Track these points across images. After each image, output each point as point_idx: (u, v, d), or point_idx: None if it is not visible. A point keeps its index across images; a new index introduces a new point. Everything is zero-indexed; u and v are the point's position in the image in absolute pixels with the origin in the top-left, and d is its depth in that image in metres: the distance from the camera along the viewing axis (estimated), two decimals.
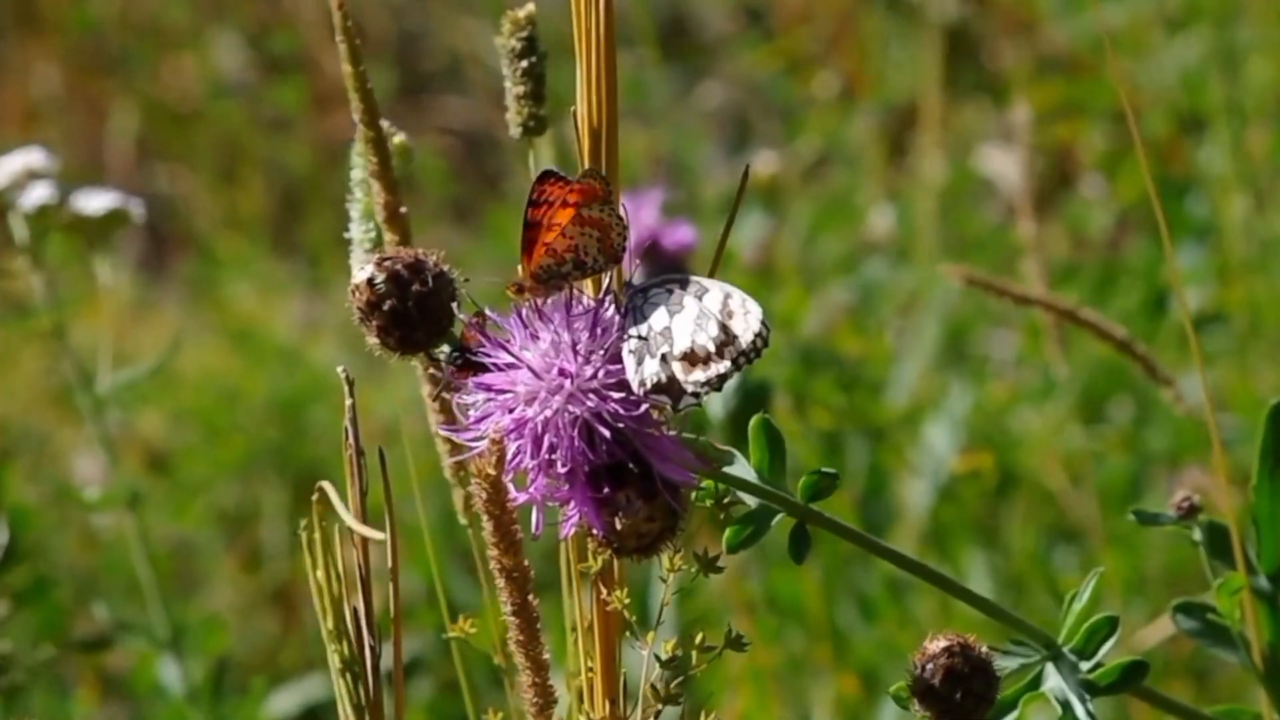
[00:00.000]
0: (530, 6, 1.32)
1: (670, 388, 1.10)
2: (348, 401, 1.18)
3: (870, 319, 3.11)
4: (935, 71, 3.49)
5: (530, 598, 1.08)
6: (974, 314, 3.16)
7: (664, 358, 1.11)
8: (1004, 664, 1.28)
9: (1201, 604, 1.44)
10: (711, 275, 1.24)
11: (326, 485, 1.16)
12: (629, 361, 1.11)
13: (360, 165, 1.34)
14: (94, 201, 2.24)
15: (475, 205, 4.03)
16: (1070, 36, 3.37)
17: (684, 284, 1.15)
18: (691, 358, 1.11)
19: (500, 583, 1.08)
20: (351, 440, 1.18)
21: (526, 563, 1.08)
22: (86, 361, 2.31)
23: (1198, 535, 1.44)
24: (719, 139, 4.15)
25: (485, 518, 1.06)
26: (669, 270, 2.22)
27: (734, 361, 1.11)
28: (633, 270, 1.18)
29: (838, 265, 3.22)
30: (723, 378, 1.11)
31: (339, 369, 1.19)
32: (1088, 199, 3.36)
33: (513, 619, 1.09)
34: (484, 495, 1.05)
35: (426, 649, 2.94)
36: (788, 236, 3.28)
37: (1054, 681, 1.30)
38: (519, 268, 1.19)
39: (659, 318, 1.13)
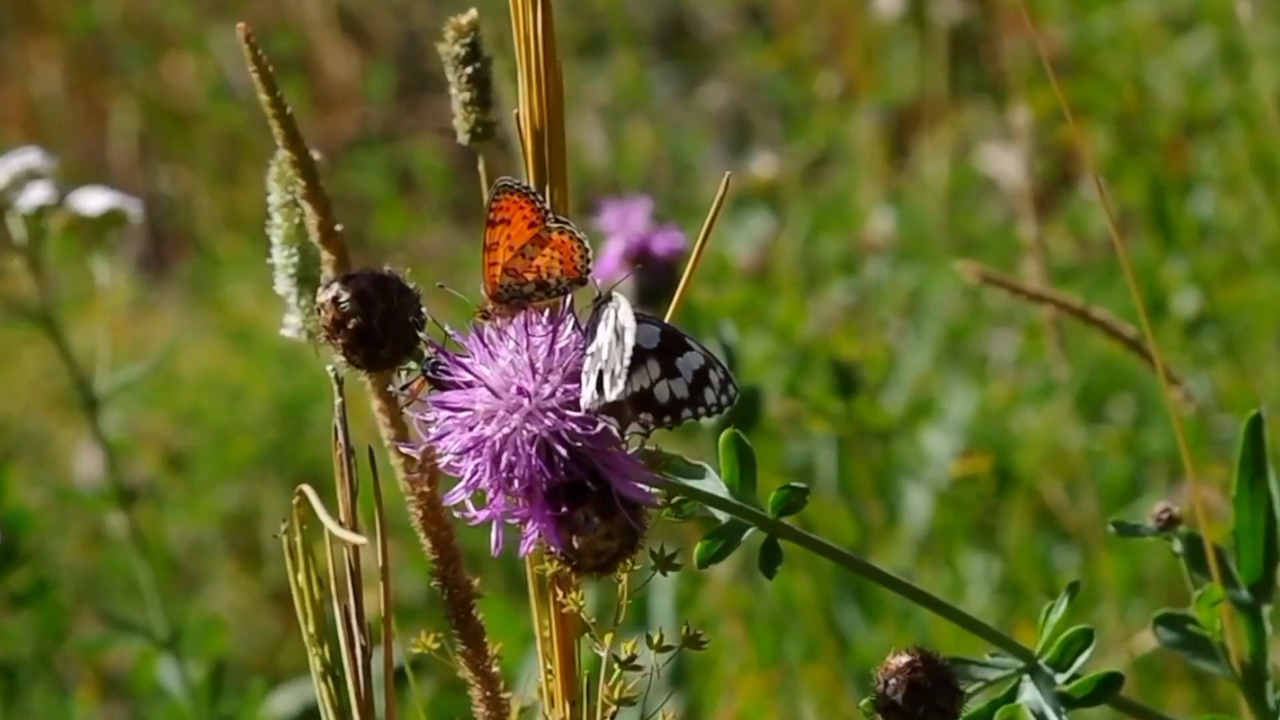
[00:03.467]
0: (473, 12, 1.31)
1: (618, 411, 1.10)
2: (336, 401, 1.18)
3: (870, 320, 3.11)
4: (937, 72, 3.48)
5: (474, 612, 1.08)
6: (973, 315, 3.16)
7: (599, 383, 1.11)
8: (980, 676, 1.28)
9: (1183, 615, 1.44)
10: (689, 281, 1.24)
11: (307, 488, 1.16)
12: (584, 381, 1.11)
13: (278, 190, 1.34)
14: (92, 201, 2.24)
15: (474, 206, 4.02)
16: (1074, 37, 3.37)
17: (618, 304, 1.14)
18: (658, 406, 1.12)
19: (443, 596, 1.09)
20: (341, 440, 1.18)
21: (468, 578, 1.08)
22: (86, 361, 2.31)
23: (1178, 547, 1.44)
24: (719, 139, 4.15)
25: (423, 535, 1.06)
26: (661, 276, 2.22)
27: (696, 413, 1.12)
28: (613, 285, 1.17)
29: (837, 266, 3.22)
30: (677, 421, 1.12)
31: (328, 369, 1.19)
32: (1089, 200, 3.35)
33: (456, 634, 1.09)
34: (420, 513, 1.05)
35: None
36: (788, 238, 3.28)
37: (1030, 694, 1.30)
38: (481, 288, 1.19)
39: (604, 334, 1.13)
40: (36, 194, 2.20)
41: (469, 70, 1.30)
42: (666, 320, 1.16)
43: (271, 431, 3.44)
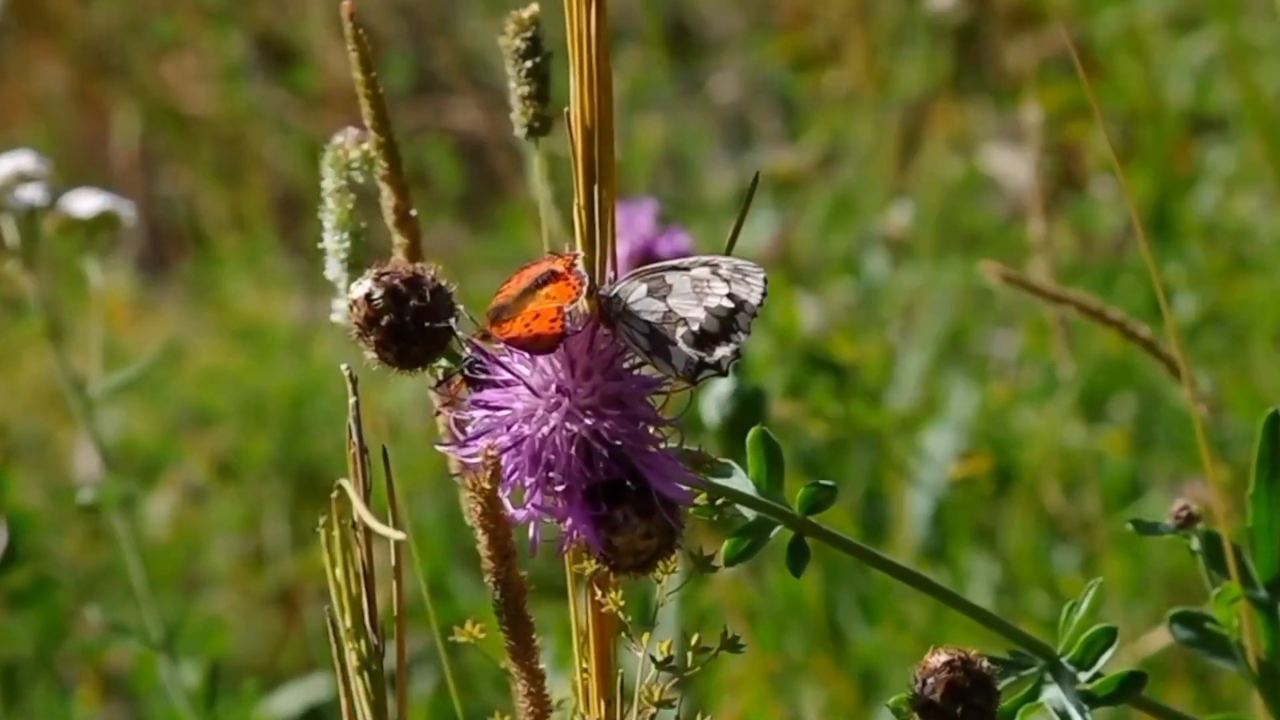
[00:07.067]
0: (534, 7, 1.31)
1: (714, 365, 1.11)
2: (351, 400, 1.17)
3: (872, 319, 3.11)
4: (943, 70, 3.49)
5: (525, 608, 1.08)
6: (975, 314, 3.16)
7: (682, 339, 1.11)
8: (1002, 675, 1.28)
9: (1199, 613, 1.44)
10: None
11: (345, 483, 1.15)
12: (657, 357, 1.11)
13: (332, 175, 1.33)
14: (85, 203, 2.23)
15: (477, 204, 4.03)
16: (1079, 37, 3.37)
17: (654, 271, 1.14)
18: (704, 335, 1.11)
19: (495, 594, 1.08)
20: (355, 439, 1.17)
21: (523, 574, 1.08)
22: (84, 362, 2.30)
23: (1195, 545, 1.44)
24: (723, 137, 4.15)
25: (480, 531, 1.06)
26: None
27: (749, 328, 1.12)
28: (611, 281, 1.16)
29: (843, 264, 3.22)
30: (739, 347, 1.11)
31: (343, 367, 1.18)
32: (1095, 199, 3.35)
33: (507, 629, 1.09)
34: (478, 509, 1.05)
35: (428, 648, 2.94)
36: (798, 233, 3.28)
37: (1052, 692, 1.29)
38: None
39: (656, 306, 1.13)
40: (28, 196, 2.18)
41: (528, 64, 1.29)
42: None
43: (272, 432, 3.43)
